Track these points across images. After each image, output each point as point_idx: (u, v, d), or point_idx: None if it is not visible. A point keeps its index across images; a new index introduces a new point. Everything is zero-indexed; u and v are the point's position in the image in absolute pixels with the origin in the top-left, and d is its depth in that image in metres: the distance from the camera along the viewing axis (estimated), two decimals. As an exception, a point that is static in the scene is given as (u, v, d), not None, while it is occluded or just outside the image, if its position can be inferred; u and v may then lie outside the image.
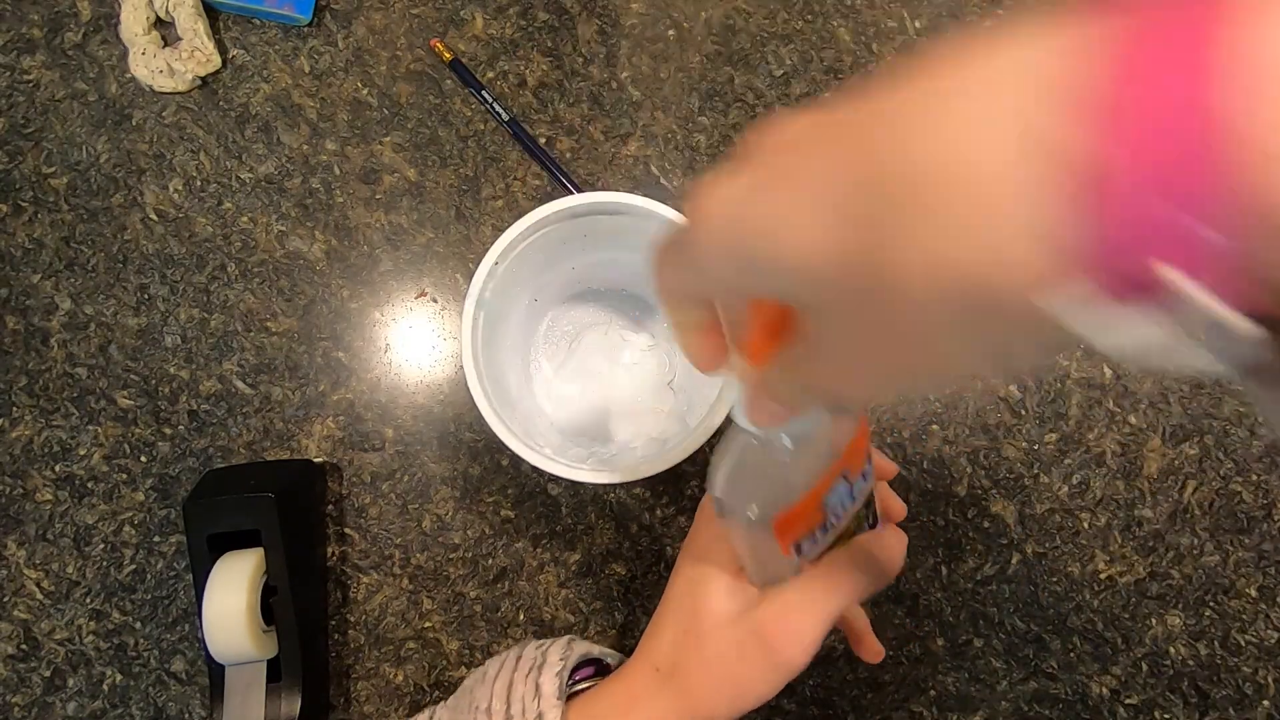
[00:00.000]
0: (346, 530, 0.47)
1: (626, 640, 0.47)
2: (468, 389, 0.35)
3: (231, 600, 0.39)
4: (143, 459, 0.47)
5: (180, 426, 0.47)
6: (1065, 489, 0.50)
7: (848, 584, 0.28)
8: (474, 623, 0.47)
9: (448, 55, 0.49)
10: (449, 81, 0.50)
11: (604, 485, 0.48)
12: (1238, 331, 0.12)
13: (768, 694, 0.28)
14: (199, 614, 0.39)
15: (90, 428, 0.47)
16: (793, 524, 0.24)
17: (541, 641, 0.36)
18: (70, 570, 0.46)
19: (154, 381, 0.47)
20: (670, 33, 0.52)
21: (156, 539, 0.46)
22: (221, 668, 0.41)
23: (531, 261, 0.40)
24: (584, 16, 0.51)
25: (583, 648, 0.36)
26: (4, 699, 0.45)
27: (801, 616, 0.28)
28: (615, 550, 0.48)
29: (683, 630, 0.30)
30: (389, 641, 0.46)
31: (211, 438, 0.47)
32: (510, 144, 0.50)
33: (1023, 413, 0.50)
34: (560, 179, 0.49)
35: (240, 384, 0.47)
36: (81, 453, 0.47)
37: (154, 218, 0.48)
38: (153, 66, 0.47)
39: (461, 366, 0.36)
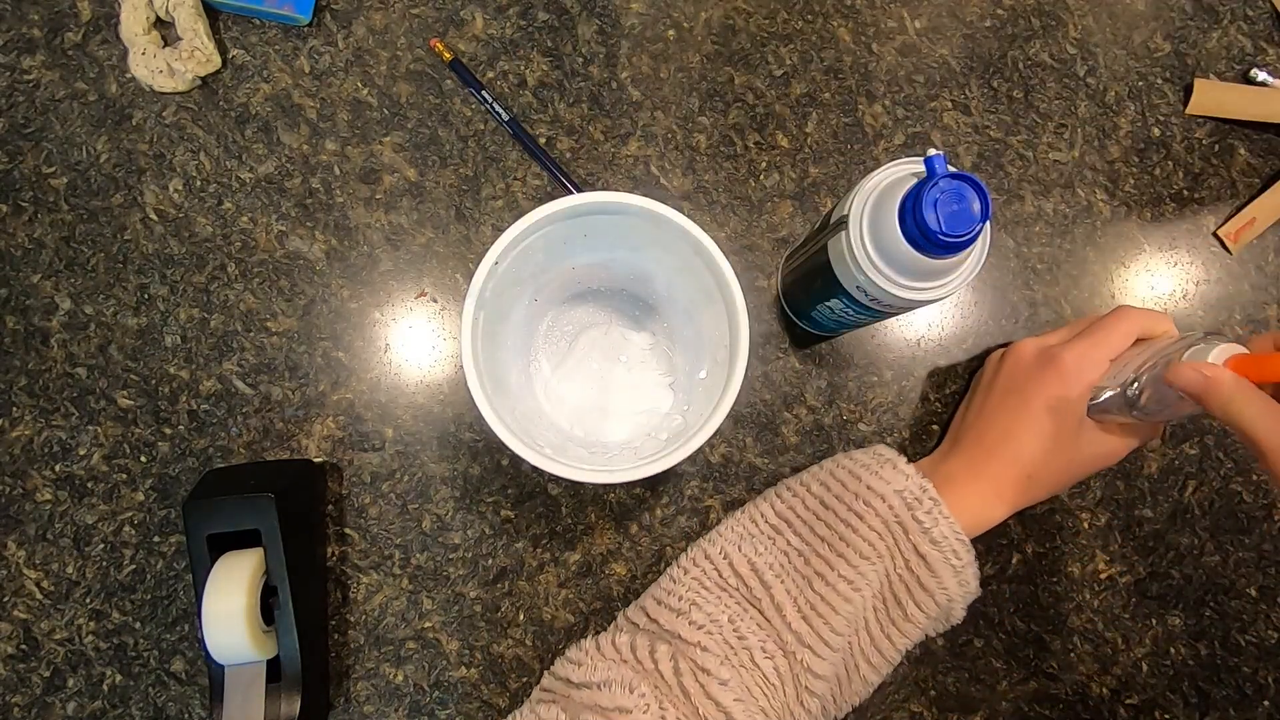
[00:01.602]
0: (346, 530, 0.47)
1: (626, 640, 0.47)
2: (468, 389, 0.35)
3: (231, 600, 0.39)
4: (143, 459, 0.47)
5: (180, 426, 0.47)
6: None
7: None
8: (474, 623, 0.47)
9: (448, 55, 0.49)
10: (449, 81, 0.50)
11: (604, 485, 0.48)
12: None
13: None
14: (199, 614, 0.39)
15: (90, 428, 0.47)
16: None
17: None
18: (70, 570, 0.46)
19: (154, 381, 0.47)
20: (670, 33, 0.52)
21: (156, 539, 0.46)
22: (221, 668, 0.41)
23: (531, 261, 0.40)
24: (584, 16, 0.51)
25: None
26: (4, 699, 0.45)
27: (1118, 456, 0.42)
28: (615, 550, 0.48)
29: (1059, 451, 0.41)
30: (389, 641, 0.46)
31: (211, 438, 0.47)
32: (510, 144, 0.50)
33: (1023, 413, 0.50)
34: (560, 179, 0.49)
35: (240, 384, 0.47)
36: (81, 453, 0.47)
37: (154, 218, 0.48)
38: (153, 66, 0.47)
39: (461, 366, 0.36)
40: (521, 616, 0.47)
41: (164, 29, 0.49)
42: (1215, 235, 0.52)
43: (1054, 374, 0.41)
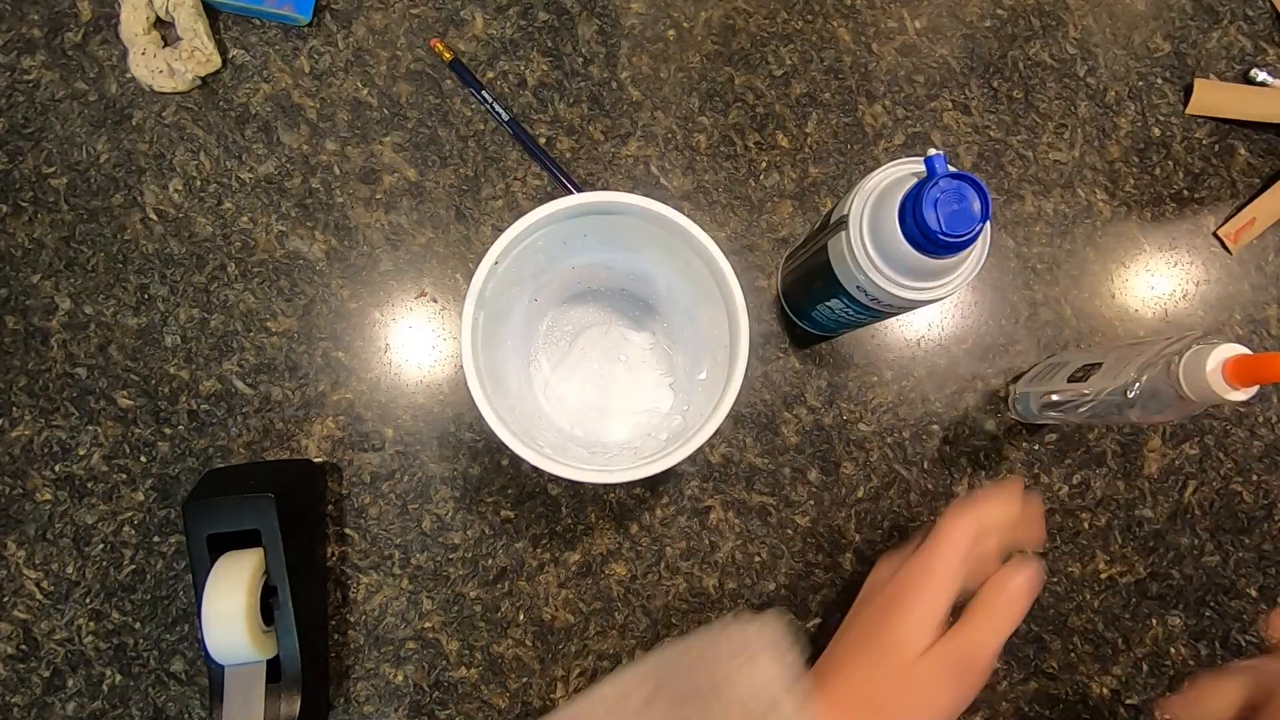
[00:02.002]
0: (346, 530, 0.47)
1: (626, 640, 0.47)
2: (468, 389, 0.35)
3: (231, 600, 0.39)
4: (143, 459, 0.47)
5: (180, 426, 0.47)
6: (1065, 489, 0.50)
7: (1011, 616, 0.35)
8: (474, 623, 0.47)
9: (448, 55, 0.49)
10: (449, 81, 0.50)
11: (604, 485, 0.48)
12: None
13: (959, 712, 0.34)
14: (199, 614, 0.39)
15: (90, 428, 0.47)
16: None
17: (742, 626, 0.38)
18: (70, 570, 0.46)
19: (154, 381, 0.47)
20: (670, 33, 0.52)
21: (156, 539, 0.46)
22: (221, 668, 0.41)
23: (531, 261, 0.40)
24: (584, 16, 0.51)
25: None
26: (4, 699, 0.45)
27: (987, 648, 0.34)
28: (615, 550, 0.48)
29: (881, 670, 0.35)
30: (389, 641, 0.46)
31: (211, 438, 0.47)
32: (510, 144, 0.50)
33: (1023, 413, 0.50)
34: (560, 179, 0.49)
35: (240, 384, 0.47)
36: (81, 453, 0.47)
37: (154, 218, 0.48)
38: (153, 66, 0.47)
39: (461, 366, 0.36)
40: (521, 616, 0.47)
41: (164, 29, 0.49)
42: (1215, 235, 0.52)
43: (887, 602, 0.37)
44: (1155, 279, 0.52)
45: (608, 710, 0.36)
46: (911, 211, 0.33)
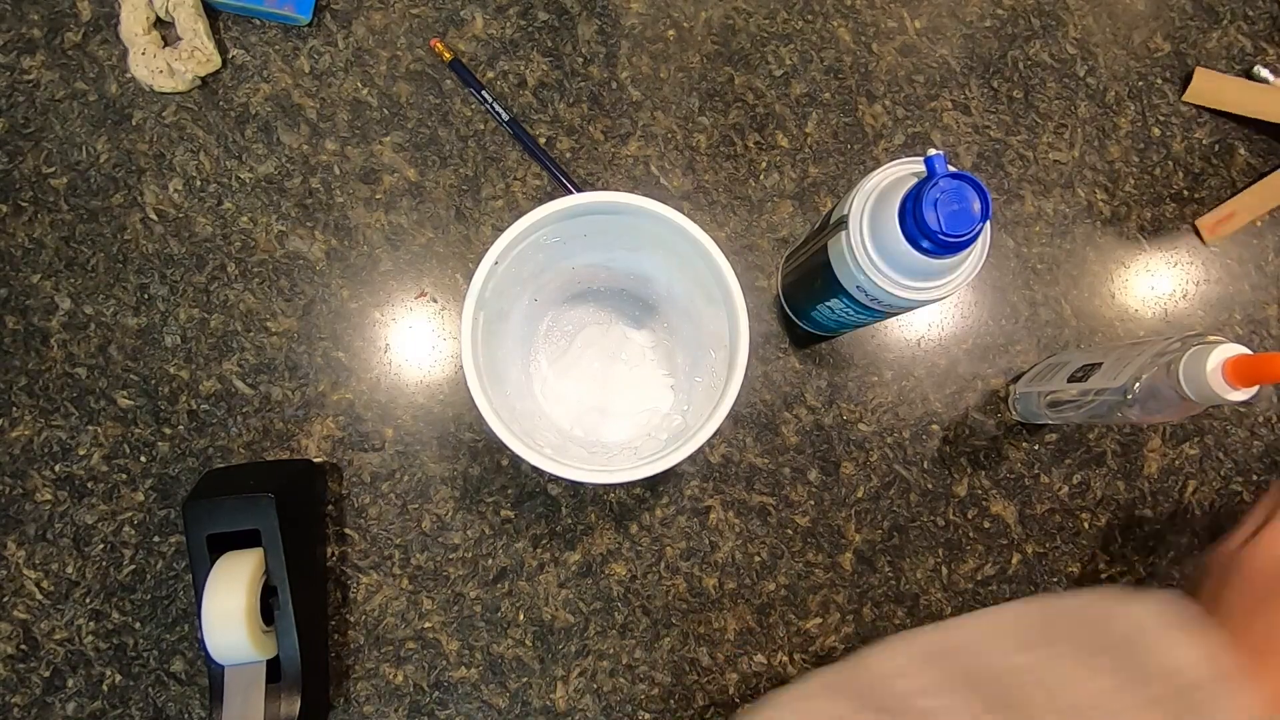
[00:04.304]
0: (346, 530, 0.47)
1: (626, 640, 0.47)
2: (468, 389, 0.35)
3: (231, 600, 0.39)
4: (143, 459, 0.47)
5: (180, 426, 0.47)
6: (1065, 489, 0.50)
7: None
8: (474, 623, 0.47)
9: (448, 55, 0.49)
10: (449, 81, 0.50)
11: (604, 485, 0.48)
12: None
13: None
14: (199, 614, 0.39)
15: (90, 428, 0.47)
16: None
17: None
18: (70, 570, 0.46)
19: (154, 381, 0.47)
20: (670, 33, 0.51)
21: (156, 539, 0.46)
22: (221, 668, 0.41)
23: (531, 261, 0.40)
24: (584, 16, 0.51)
25: None
26: (4, 699, 0.45)
27: None
28: (615, 550, 0.48)
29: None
30: (389, 641, 0.46)
31: (211, 438, 0.47)
32: (510, 144, 0.50)
33: (1023, 413, 0.50)
34: (560, 179, 0.49)
35: (240, 384, 0.47)
36: (81, 453, 0.46)
37: (154, 218, 0.48)
38: (153, 66, 0.47)
39: (461, 366, 0.36)
40: (521, 616, 0.47)
41: (164, 29, 0.49)
42: (1193, 225, 0.52)
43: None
44: (1155, 279, 0.52)
45: (985, 638, 0.35)
46: (911, 211, 0.33)
